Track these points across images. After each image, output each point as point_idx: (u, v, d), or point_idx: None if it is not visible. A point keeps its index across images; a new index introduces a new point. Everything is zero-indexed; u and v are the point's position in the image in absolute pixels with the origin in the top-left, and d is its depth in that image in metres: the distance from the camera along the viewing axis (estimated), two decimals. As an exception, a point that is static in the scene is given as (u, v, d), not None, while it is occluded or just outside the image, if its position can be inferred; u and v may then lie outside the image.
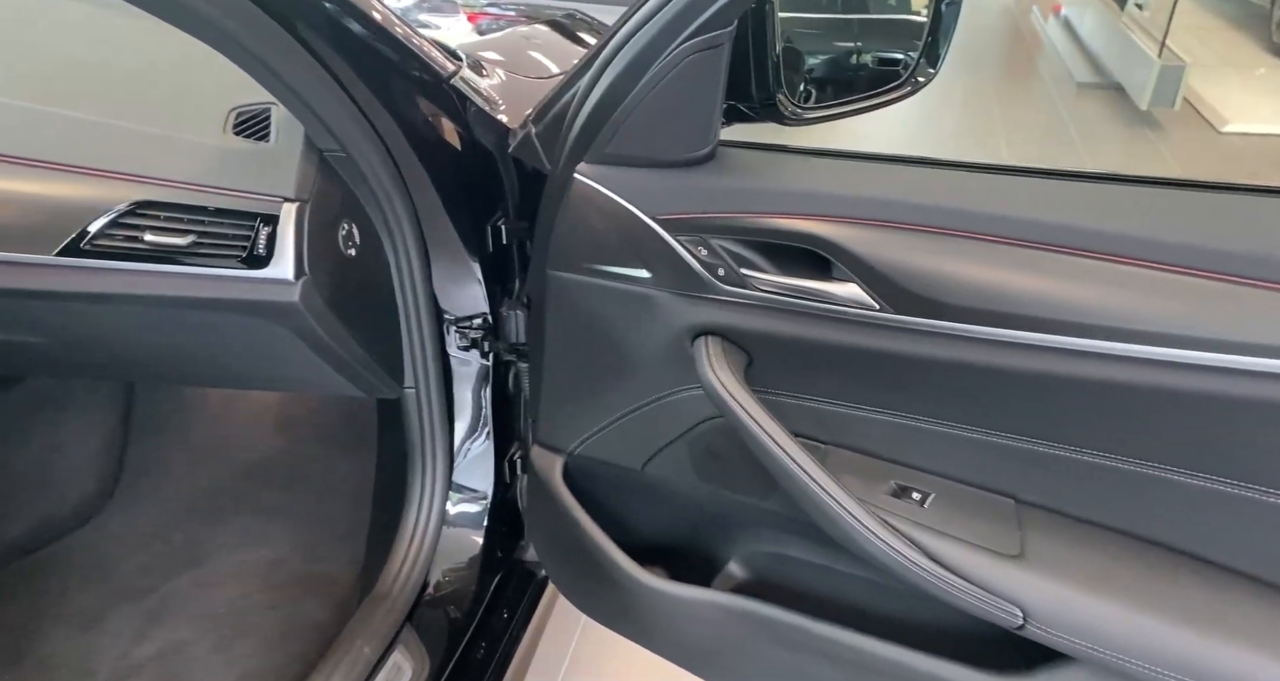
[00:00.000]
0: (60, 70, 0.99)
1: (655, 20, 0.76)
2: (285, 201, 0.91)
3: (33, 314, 0.94)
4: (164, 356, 1.05)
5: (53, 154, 0.88)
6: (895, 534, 0.74)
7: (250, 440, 1.49)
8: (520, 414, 1.27)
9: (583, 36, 1.58)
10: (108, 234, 0.87)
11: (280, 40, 0.81)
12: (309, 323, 0.94)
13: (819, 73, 0.99)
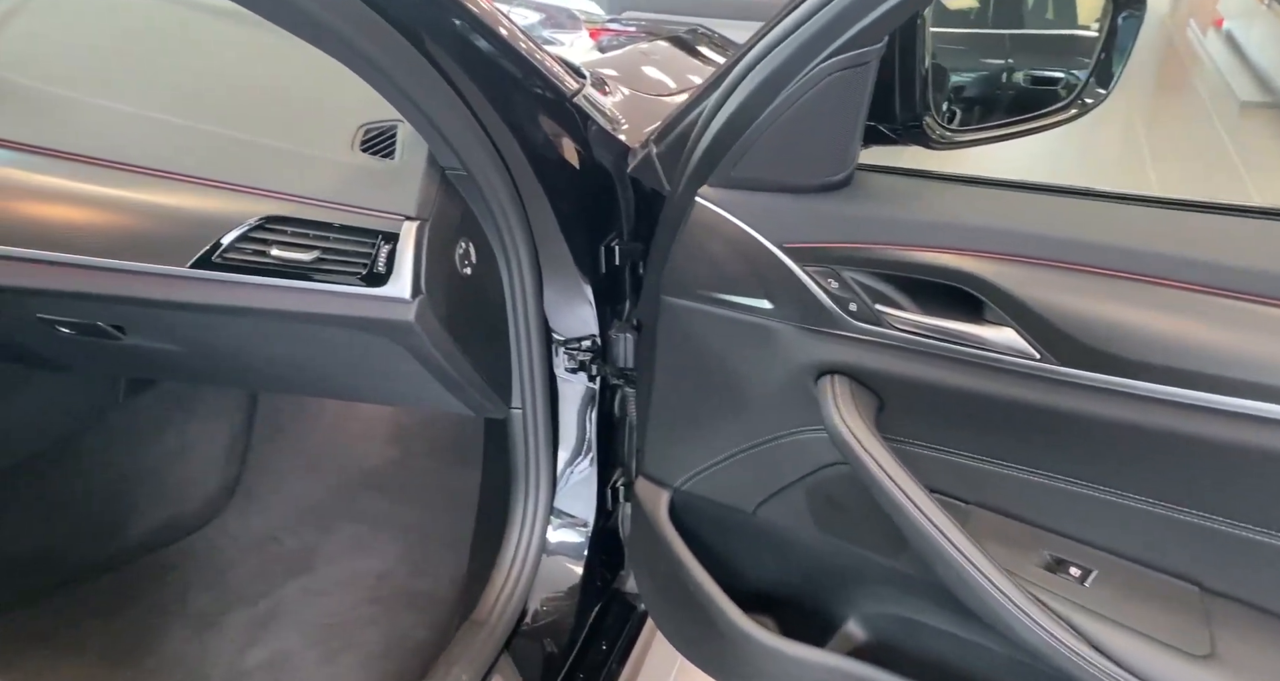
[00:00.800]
0: (197, 85, 1.04)
1: (795, 37, 0.71)
2: (406, 219, 0.90)
3: (167, 323, 0.98)
4: (283, 368, 1.08)
5: (189, 167, 0.91)
6: (1049, 614, 0.65)
7: (363, 449, 1.52)
8: (624, 440, 1.24)
9: (706, 53, 1.55)
10: (238, 247, 0.89)
11: (408, 57, 0.81)
12: (423, 341, 0.93)
13: (966, 92, 0.91)
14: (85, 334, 1.00)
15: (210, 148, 0.94)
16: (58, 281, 0.90)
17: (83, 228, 0.89)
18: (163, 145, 0.93)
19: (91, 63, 1.03)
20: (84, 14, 1.12)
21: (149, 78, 1.03)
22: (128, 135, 0.94)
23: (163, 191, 0.90)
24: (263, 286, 0.89)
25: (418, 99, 0.84)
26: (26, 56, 1.01)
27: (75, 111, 0.96)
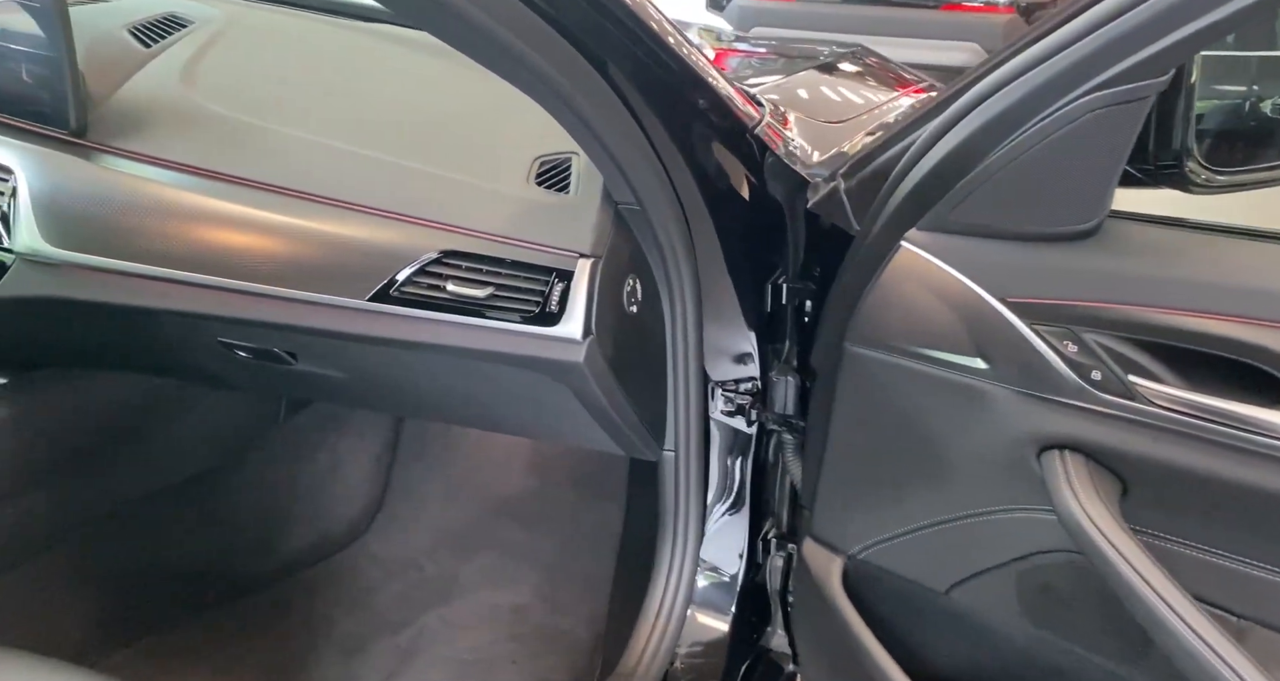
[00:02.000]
0: (377, 113, 1.04)
1: (1045, 67, 0.62)
2: (581, 257, 0.87)
3: (339, 353, 0.98)
4: (442, 398, 1.06)
5: (371, 198, 0.91)
6: None
7: (503, 477, 1.51)
8: (777, 489, 1.16)
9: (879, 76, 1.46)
10: (414, 281, 0.88)
11: (594, 86, 0.77)
12: (589, 383, 0.89)
13: (1227, 126, 0.79)
14: (261, 358, 1.02)
15: (390, 179, 0.93)
16: (243, 309, 0.91)
17: (268, 257, 0.90)
18: (345, 175, 0.93)
19: (278, 91, 1.06)
20: (272, 43, 1.16)
21: (331, 106, 1.04)
22: (313, 165, 0.95)
23: (345, 222, 0.90)
24: (437, 322, 0.88)
25: (600, 131, 0.80)
26: (222, 86, 1.04)
27: (264, 140, 0.98)
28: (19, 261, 0.92)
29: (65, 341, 1.01)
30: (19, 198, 0.92)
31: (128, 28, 1.12)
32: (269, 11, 1.23)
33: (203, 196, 0.92)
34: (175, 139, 0.97)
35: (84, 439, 1.08)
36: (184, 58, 1.08)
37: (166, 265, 0.90)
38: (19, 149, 0.95)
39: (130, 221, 0.91)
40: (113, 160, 0.96)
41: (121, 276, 0.91)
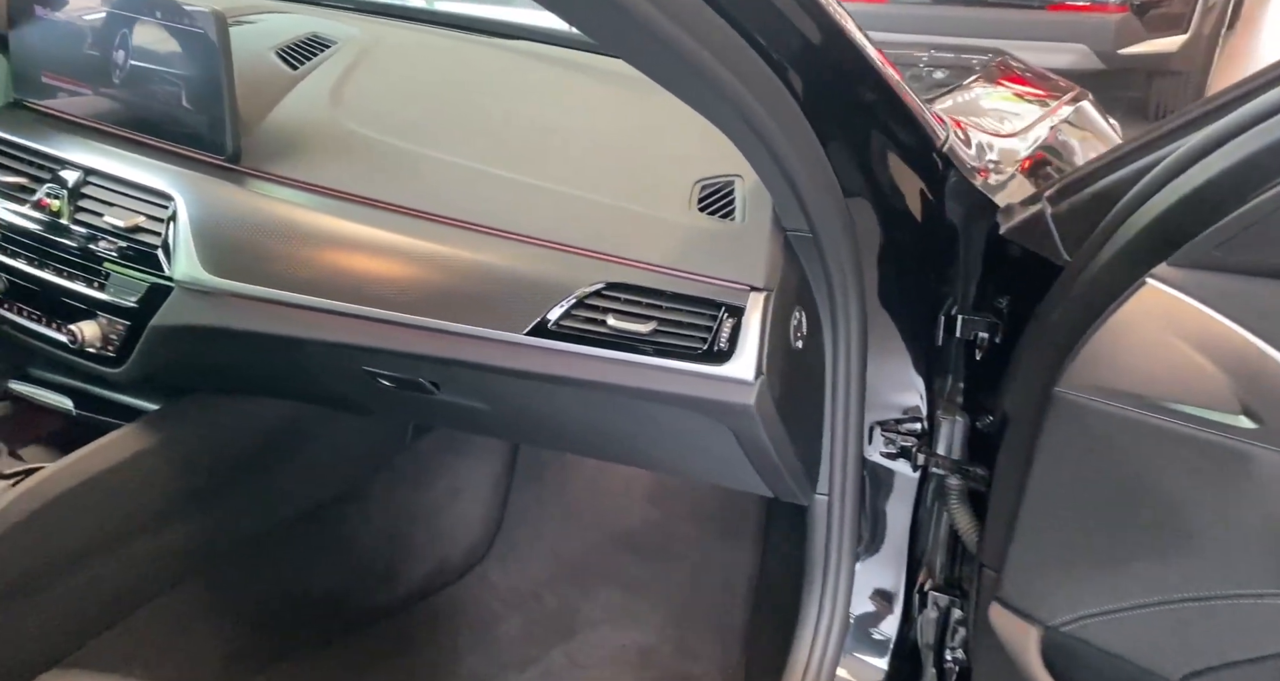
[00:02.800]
0: (528, 136, 1.00)
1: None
2: (752, 290, 0.80)
3: (486, 385, 0.94)
4: (588, 434, 1.01)
5: (526, 226, 0.86)
6: None
7: (622, 507, 1.45)
8: (932, 537, 1.07)
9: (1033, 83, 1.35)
10: (573, 314, 0.83)
11: (778, 101, 0.69)
12: (756, 426, 0.82)
13: None
14: (404, 387, 0.99)
15: (547, 206, 0.88)
16: (393, 341, 0.88)
17: (421, 287, 0.86)
18: (501, 202, 0.89)
19: (427, 114, 1.03)
20: (416, 63, 1.13)
21: (481, 129, 1.00)
22: (466, 191, 0.91)
23: (501, 252, 0.85)
24: (596, 358, 0.82)
25: (781, 152, 0.73)
26: (370, 108, 1.02)
27: (416, 165, 0.95)
28: (178, 289, 0.92)
29: (215, 368, 1.01)
30: (178, 225, 0.91)
31: (275, 50, 1.12)
32: (408, 30, 1.22)
33: (355, 223, 0.89)
34: (326, 164, 0.96)
35: (225, 466, 1.07)
36: (331, 80, 1.06)
37: (319, 294, 0.88)
38: (177, 175, 0.94)
39: (283, 249, 0.89)
40: (266, 186, 0.94)
41: (274, 305, 0.89)
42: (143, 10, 0.95)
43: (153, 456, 0.97)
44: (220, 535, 1.09)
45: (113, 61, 0.99)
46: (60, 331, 0.98)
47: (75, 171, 0.98)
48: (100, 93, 1.01)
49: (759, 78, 0.67)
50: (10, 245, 1.01)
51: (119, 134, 1.00)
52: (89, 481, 0.91)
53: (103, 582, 0.95)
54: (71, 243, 0.96)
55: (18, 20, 1.03)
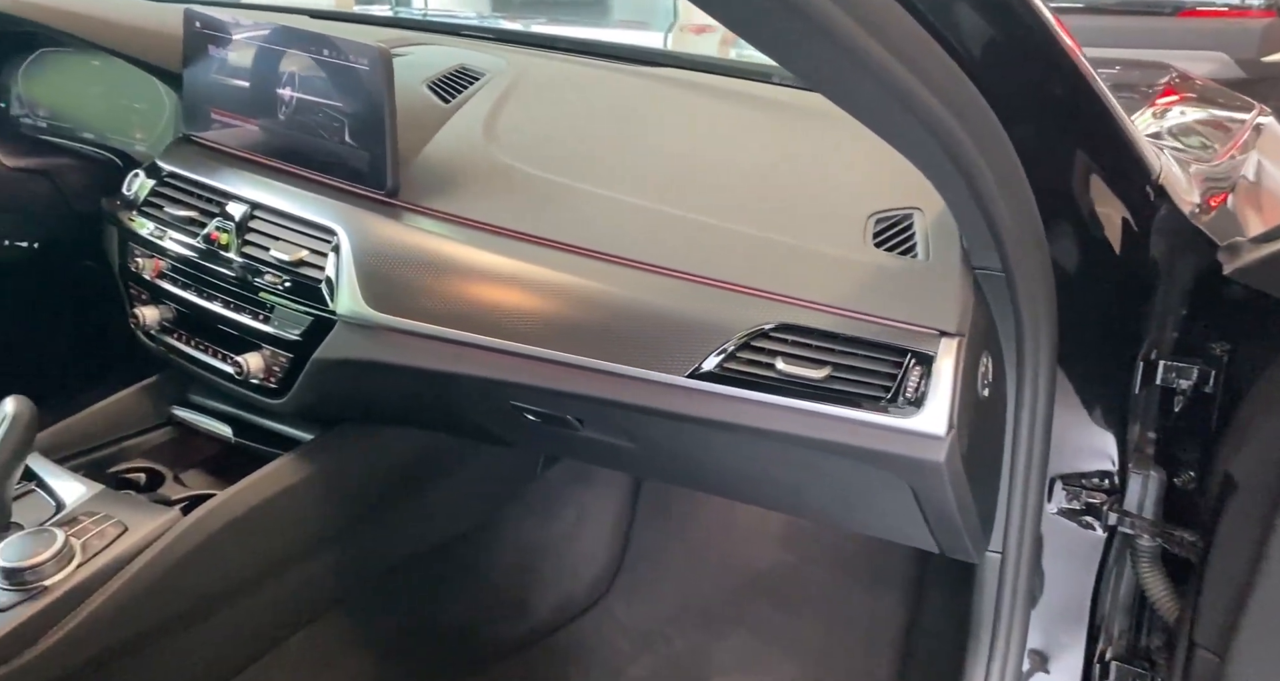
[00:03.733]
0: (687, 169, 0.97)
1: None
2: (943, 336, 0.74)
3: (638, 425, 0.91)
4: (738, 479, 0.97)
5: (689, 264, 0.83)
6: None
7: (753, 548, 1.40)
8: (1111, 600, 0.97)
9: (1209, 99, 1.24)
10: (737, 357, 0.78)
11: (984, 126, 0.63)
12: (941, 483, 0.76)
13: None
14: (549, 423, 0.97)
15: (711, 242, 0.85)
16: (546, 379, 0.86)
17: (577, 326, 0.84)
18: (661, 238, 0.86)
19: (580, 146, 1.01)
20: (565, 94, 1.12)
21: (637, 162, 0.98)
22: (625, 227, 0.88)
23: (662, 290, 0.82)
24: (763, 404, 0.78)
25: (982, 184, 0.66)
26: (523, 142, 1.02)
27: (572, 200, 0.93)
28: (340, 323, 0.92)
29: (369, 400, 1.01)
30: (341, 259, 0.92)
31: (426, 83, 1.13)
32: (553, 60, 1.21)
33: (511, 259, 0.88)
34: (482, 198, 0.95)
35: (372, 496, 1.08)
36: (483, 113, 1.06)
37: (474, 330, 0.87)
38: (339, 209, 0.96)
39: (441, 284, 0.89)
40: (424, 220, 0.94)
41: (431, 340, 0.89)
42: (310, 48, 0.97)
43: (308, 487, 0.98)
44: (363, 565, 1.10)
45: (279, 98, 1.02)
46: (226, 362, 1.00)
47: (242, 205, 1.00)
48: (266, 128, 1.04)
49: (970, 105, 0.61)
50: (180, 276, 1.04)
51: (283, 169, 1.03)
52: (252, 510, 0.92)
53: (257, 613, 0.97)
54: (238, 275, 0.99)
55: (191, 59, 1.07)
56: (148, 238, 1.06)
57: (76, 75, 1.29)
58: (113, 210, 1.10)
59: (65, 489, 0.90)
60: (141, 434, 1.10)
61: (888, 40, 0.50)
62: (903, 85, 0.53)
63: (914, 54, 0.53)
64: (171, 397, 1.14)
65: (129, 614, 0.82)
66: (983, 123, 0.62)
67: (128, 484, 1.03)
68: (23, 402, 0.82)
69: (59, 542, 0.80)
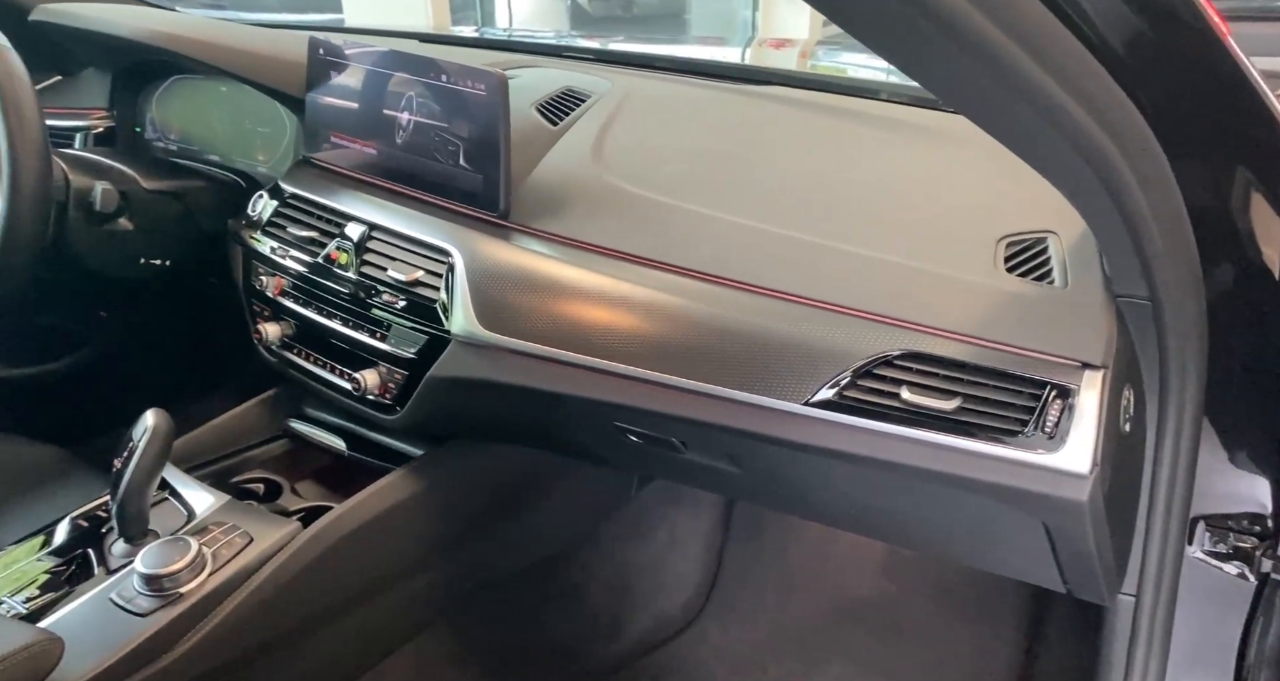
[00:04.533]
0: (800, 189, 0.95)
1: None
2: (1086, 368, 0.70)
3: (745, 451, 0.89)
4: (850, 509, 0.94)
5: (807, 287, 0.81)
6: None
7: (852, 575, 1.36)
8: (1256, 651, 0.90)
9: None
10: (859, 385, 0.76)
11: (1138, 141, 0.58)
12: (1081, 524, 0.72)
13: None
14: (651, 444, 0.96)
15: (830, 265, 0.83)
16: (654, 402, 0.85)
17: (688, 349, 0.83)
18: (776, 261, 0.85)
19: (689, 167, 1.01)
20: (672, 115, 1.12)
21: (749, 182, 0.97)
22: (738, 249, 0.87)
23: (778, 315, 0.80)
24: (887, 435, 0.75)
25: (1133, 210, 0.62)
26: (632, 163, 1.02)
27: (683, 222, 0.92)
28: (454, 342, 0.94)
29: (477, 417, 1.03)
30: (456, 279, 0.94)
31: (535, 106, 1.14)
32: (658, 80, 1.21)
33: (622, 281, 0.88)
34: (592, 220, 0.96)
35: (475, 512, 1.09)
36: (591, 135, 1.07)
37: (584, 352, 0.87)
38: (453, 231, 0.97)
39: (552, 305, 0.89)
40: (535, 242, 0.95)
41: (541, 361, 0.89)
42: (428, 74, 1.00)
43: (417, 501, 1.00)
44: (466, 581, 1.11)
45: (396, 122, 1.05)
46: (344, 378, 1.03)
47: (360, 226, 1.03)
48: (383, 152, 1.07)
49: (1128, 125, 0.57)
50: (301, 294, 1.08)
51: (399, 191, 1.06)
52: (366, 524, 0.95)
53: (369, 624, 0.99)
54: (356, 294, 1.02)
55: (314, 84, 1.12)
56: (270, 256, 1.10)
57: (205, 101, 1.36)
58: (238, 230, 1.15)
59: (195, 498, 0.94)
60: (260, 445, 1.14)
61: (1048, 60, 0.48)
62: (1061, 108, 0.50)
63: (1073, 73, 0.50)
64: (287, 411, 1.18)
65: (255, 622, 0.85)
66: (1140, 143, 0.58)
67: (249, 494, 1.07)
68: (161, 416, 0.86)
69: (193, 551, 0.83)
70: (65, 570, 0.86)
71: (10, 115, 0.93)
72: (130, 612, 0.80)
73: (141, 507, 0.86)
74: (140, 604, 0.80)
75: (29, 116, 0.94)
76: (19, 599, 0.82)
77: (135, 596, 0.81)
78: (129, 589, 0.82)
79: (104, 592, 0.82)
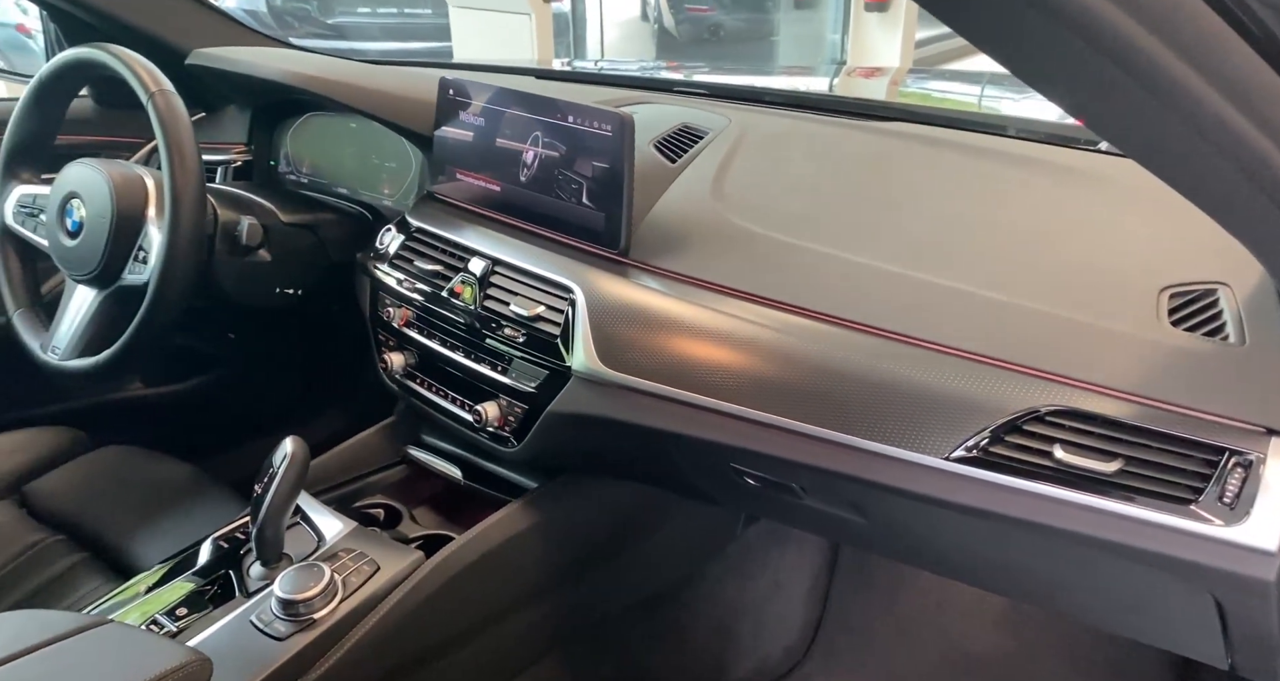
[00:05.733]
0: (934, 230, 0.92)
1: None
2: (1271, 434, 0.65)
3: (876, 502, 0.86)
4: (987, 568, 0.89)
5: (947, 335, 0.78)
6: None
7: (968, 629, 1.29)
8: None
9: None
10: (1007, 441, 0.72)
11: None
12: (1264, 602, 0.66)
13: None
14: (770, 488, 0.94)
15: (972, 312, 0.79)
16: (779, 448, 0.83)
17: (816, 395, 0.81)
18: (911, 307, 0.82)
19: (813, 206, 0.99)
20: (793, 151, 1.11)
21: (878, 222, 0.94)
22: (867, 292, 0.85)
23: (915, 363, 0.77)
24: (1037, 495, 0.71)
25: None
26: (753, 201, 1.01)
27: (806, 262, 0.91)
28: (574, 378, 0.95)
29: (594, 452, 1.03)
30: (577, 316, 0.95)
31: (652, 143, 1.15)
32: (774, 115, 1.20)
33: (743, 321, 0.86)
34: (712, 258, 0.95)
35: (587, 546, 1.10)
36: (710, 172, 1.07)
37: (703, 392, 0.86)
38: (575, 268, 0.99)
39: (672, 344, 0.89)
40: (654, 279, 0.95)
41: (660, 400, 0.89)
42: (555, 114, 1.02)
43: (533, 534, 1.01)
44: (574, 616, 1.11)
45: (521, 160, 1.07)
46: (465, 410, 1.06)
47: (484, 261, 1.06)
48: (507, 189, 1.10)
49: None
50: (425, 325, 1.12)
51: (521, 227, 1.08)
52: (485, 556, 0.96)
53: (478, 658, 1.00)
54: (479, 327, 1.04)
55: (442, 122, 1.15)
56: (397, 288, 1.14)
57: (335, 136, 1.43)
58: (366, 262, 1.20)
59: (324, 524, 0.98)
60: (380, 471, 1.18)
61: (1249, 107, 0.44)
62: (1263, 160, 0.47)
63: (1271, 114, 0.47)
64: (405, 437, 1.21)
65: (382, 649, 0.87)
66: None
67: (370, 519, 1.10)
68: (299, 444, 0.89)
69: (326, 578, 0.86)
70: (209, 590, 0.90)
71: (174, 157, 1.00)
72: (269, 636, 0.83)
73: (278, 532, 0.90)
74: (278, 628, 0.83)
75: (189, 157, 1.01)
76: (169, 617, 0.87)
77: (273, 620, 0.84)
78: (267, 612, 0.85)
79: (244, 615, 0.85)
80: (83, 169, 1.12)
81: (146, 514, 1.14)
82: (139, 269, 1.07)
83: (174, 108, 1.02)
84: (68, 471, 1.23)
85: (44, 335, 1.16)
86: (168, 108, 1.02)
